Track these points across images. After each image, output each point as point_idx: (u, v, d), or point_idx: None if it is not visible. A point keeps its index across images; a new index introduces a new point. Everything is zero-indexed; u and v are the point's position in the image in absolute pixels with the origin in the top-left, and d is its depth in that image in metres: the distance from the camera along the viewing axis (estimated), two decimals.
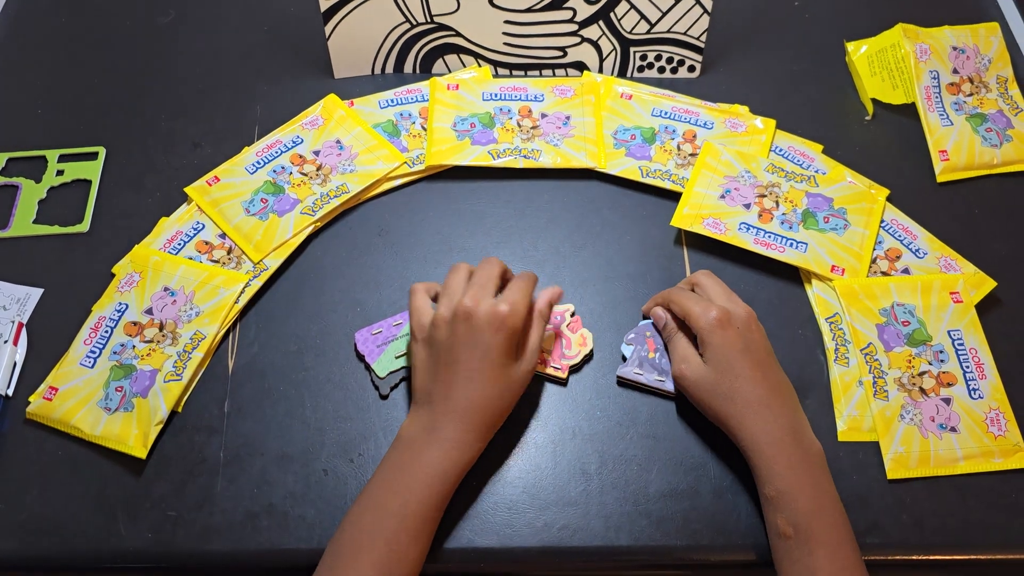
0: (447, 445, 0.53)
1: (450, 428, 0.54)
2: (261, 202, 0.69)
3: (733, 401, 0.55)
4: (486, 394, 0.54)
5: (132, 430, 0.58)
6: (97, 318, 0.63)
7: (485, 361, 0.54)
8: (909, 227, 0.68)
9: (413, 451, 0.54)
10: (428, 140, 0.72)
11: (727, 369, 0.55)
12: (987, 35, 0.77)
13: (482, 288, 0.56)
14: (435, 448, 0.53)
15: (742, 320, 0.57)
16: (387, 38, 0.76)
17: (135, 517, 0.56)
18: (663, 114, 0.74)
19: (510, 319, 0.54)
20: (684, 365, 0.57)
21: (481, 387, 0.54)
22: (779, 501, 0.52)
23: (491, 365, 0.54)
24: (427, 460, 0.53)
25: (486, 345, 0.54)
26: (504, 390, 0.55)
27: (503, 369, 0.55)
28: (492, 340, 0.54)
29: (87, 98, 0.77)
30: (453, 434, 0.54)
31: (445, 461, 0.53)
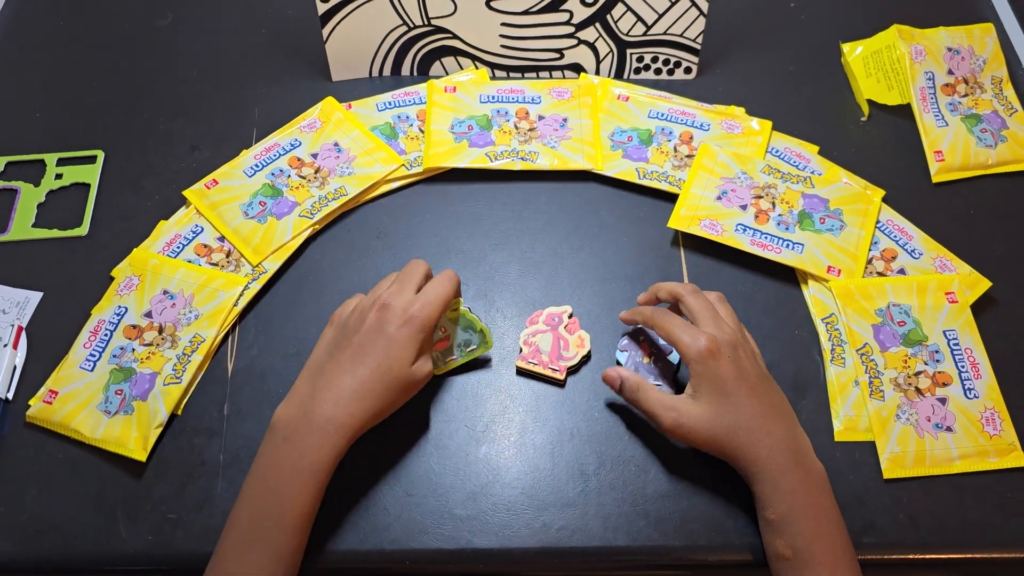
0: (322, 435, 0.52)
1: (328, 414, 0.52)
2: (260, 205, 0.69)
3: (734, 432, 0.53)
4: (376, 384, 0.53)
5: (132, 433, 0.59)
6: (96, 321, 0.63)
7: (385, 351, 0.54)
8: (905, 228, 0.68)
9: (288, 441, 0.52)
10: (426, 142, 0.72)
11: (722, 400, 0.54)
12: (982, 36, 0.78)
13: (402, 285, 0.57)
14: (310, 437, 0.52)
15: (730, 345, 0.55)
16: (384, 41, 0.76)
17: (135, 519, 0.57)
18: (660, 116, 0.74)
19: (420, 315, 0.55)
20: (673, 414, 0.54)
21: (373, 375, 0.53)
22: (780, 525, 0.52)
23: (388, 357, 0.54)
24: (302, 451, 0.52)
25: (389, 336, 0.54)
26: (395, 386, 0.54)
27: (400, 364, 0.54)
28: (397, 332, 0.54)
29: (85, 101, 0.78)
30: (330, 422, 0.52)
31: (320, 450, 0.52)
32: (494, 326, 0.64)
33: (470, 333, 0.62)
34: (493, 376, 0.62)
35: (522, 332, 0.63)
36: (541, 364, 0.61)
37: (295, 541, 0.51)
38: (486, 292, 0.66)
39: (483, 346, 0.61)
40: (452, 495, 0.57)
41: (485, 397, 0.61)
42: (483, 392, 0.62)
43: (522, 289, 0.66)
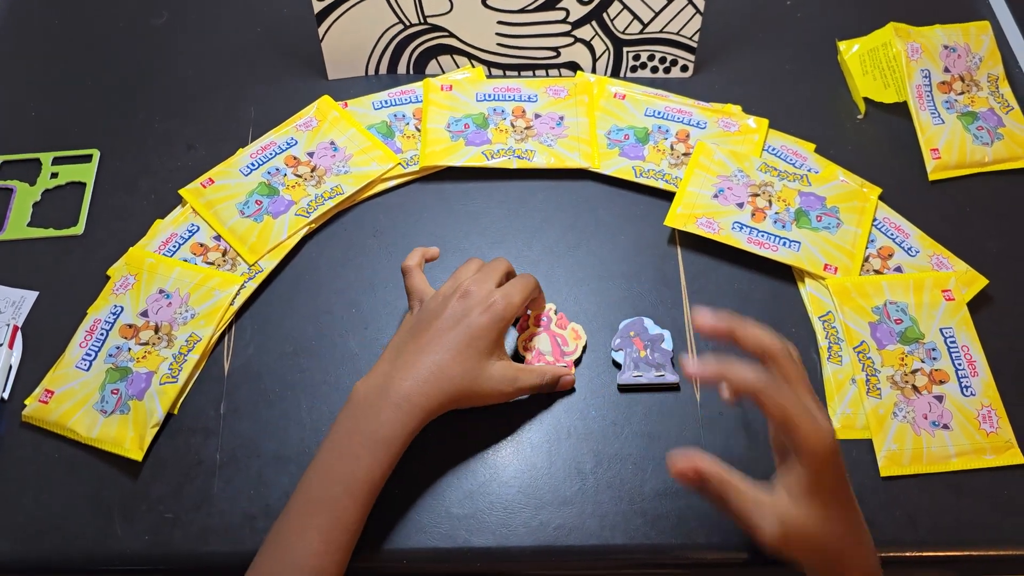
0: (397, 411, 0.52)
1: (405, 391, 0.53)
2: (256, 204, 0.69)
3: (842, 538, 0.47)
4: (455, 369, 0.54)
5: (128, 432, 0.58)
6: (92, 321, 0.63)
7: (464, 336, 0.55)
8: (901, 225, 0.68)
9: (363, 414, 0.53)
10: (422, 141, 0.72)
11: (838, 505, 0.47)
12: (978, 34, 0.78)
13: (486, 276, 0.58)
14: (385, 412, 0.52)
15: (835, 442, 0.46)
16: (380, 39, 0.76)
17: (132, 519, 0.56)
18: (656, 114, 0.74)
19: (500, 305, 0.56)
20: (778, 525, 0.46)
21: (452, 359, 0.54)
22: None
23: (468, 343, 0.55)
24: (375, 425, 0.52)
25: (470, 322, 0.55)
26: (473, 374, 0.55)
27: (478, 353, 0.55)
28: (478, 319, 0.55)
29: (81, 100, 0.77)
30: (406, 399, 0.53)
31: (394, 426, 0.52)
32: None
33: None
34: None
35: (517, 340, 0.63)
36: (548, 366, 0.61)
37: (360, 511, 0.51)
38: None
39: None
40: (449, 494, 0.57)
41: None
42: None
43: None
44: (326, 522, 0.50)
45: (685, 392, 0.61)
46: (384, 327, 0.64)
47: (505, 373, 0.57)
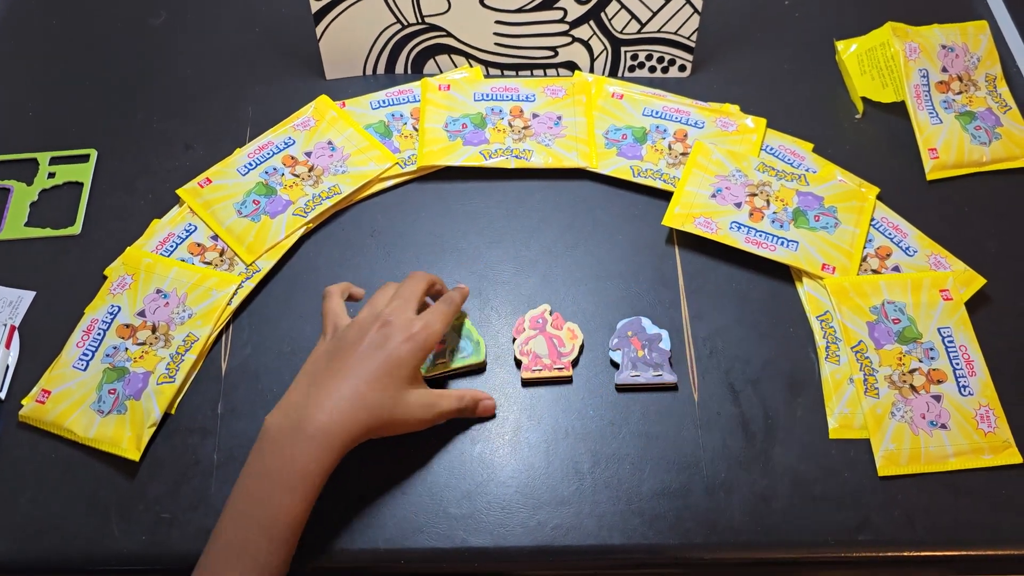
0: (312, 444, 0.50)
1: (320, 424, 0.51)
2: (253, 203, 0.69)
3: None
4: (372, 398, 0.52)
5: (125, 432, 0.58)
6: (89, 320, 0.63)
7: (384, 365, 0.53)
8: (899, 225, 0.68)
9: (278, 451, 0.51)
10: (420, 141, 0.72)
11: None
12: (976, 33, 0.78)
13: (405, 302, 0.57)
14: (301, 445, 0.50)
15: None
16: (378, 39, 0.76)
17: (129, 519, 0.56)
18: (654, 114, 0.74)
19: (422, 335, 0.55)
20: None
21: (370, 388, 0.52)
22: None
23: (388, 371, 0.53)
24: (291, 460, 0.50)
25: (390, 351, 0.54)
26: (392, 403, 0.53)
27: (398, 381, 0.53)
28: (398, 348, 0.54)
29: (78, 100, 0.77)
30: (322, 432, 0.51)
31: (310, 460, 0.50)
32: (488, 323, 0.64)
33: (466, 341, 0.62)
34: (488, 375, 0.62)
35: (514, 344, 0.62)
36: (546, 368, 0.61)
37: (283, 554, 0.50)
38: (481, 290, 0.66)
39: (475, 356, 0.61)
40: (446, 494, 0.57)
41: None
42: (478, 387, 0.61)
43: (516, 287, 0.66)
44: (246, 569, 0.48)
45: (683, 392, 0.61)
46: None
47: (423, 399, 0.55)
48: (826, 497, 0.57)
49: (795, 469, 0.58)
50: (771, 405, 0.60)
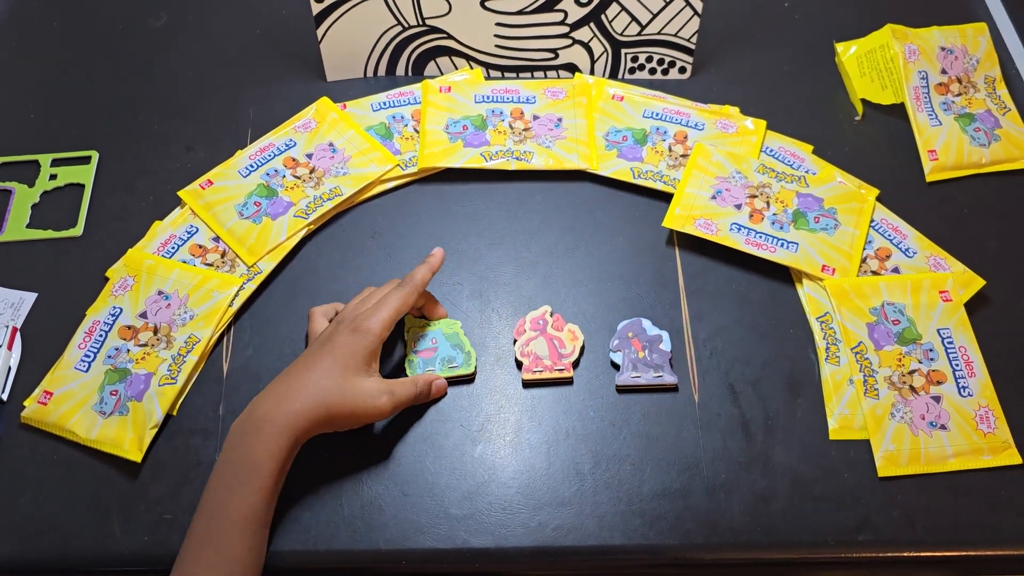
0: (259, 435, 0.52)
1: (263, 413, 0.53)
2: (254, 205, 0.69)
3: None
4: (318, 385, 0.54)
5: (127, 434, 0.58)
6: (91, 322, 0.63)
7: (328, 355, 0.55)
8: (899, 226, 0.69)
9: (232, 446, 0.53)
10: (421, 142, 0.72)
11: None
12: (975, 35, 0.78)
13: (365, 299, 0.60)
14: (251, 436, 0.52)
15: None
16: (379, 41, 0.76)
17: (131, 520, 0.56)
18: (654, 115, 0.74)
19: (366, 323, 0.56)
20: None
21: (316, 377, 0.54)
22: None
23: (333, 360, 0.55)
24: (243, 451, 0.52)
25: (335, 342, 0.56)
26: (340, 390, 0.54)
27: (345, 369, 0.55)
28: (343, 338, 0.56)
29: (80, 102, 0.77)
30: (267, 421, 0.52)
31: (259, 450, 0.52)
32: (489, 325, 0.64)
33: (457, 351, 0.62)
34: (488, 376, 0.62)
35: (515, 346, 0.63)
36: (547, 369, 0.61)
37: (247, 541, 0.51)
38: (481, 292, 0.66)
39: (464, 367, 0.61)
40: (448, 495, 0.57)
41: (480, 397, 0.61)
42: (478, 392, 0.62)
43: (517, 289, 0.66)
44: (213, 559, 0.50)
45: (683, 393, 0.61)
46: None
47: (375, 387, 0.56)
48: (826, 498, 0.57)
49: (795, 470, 0.58)
50: (771, 406, 0.61)
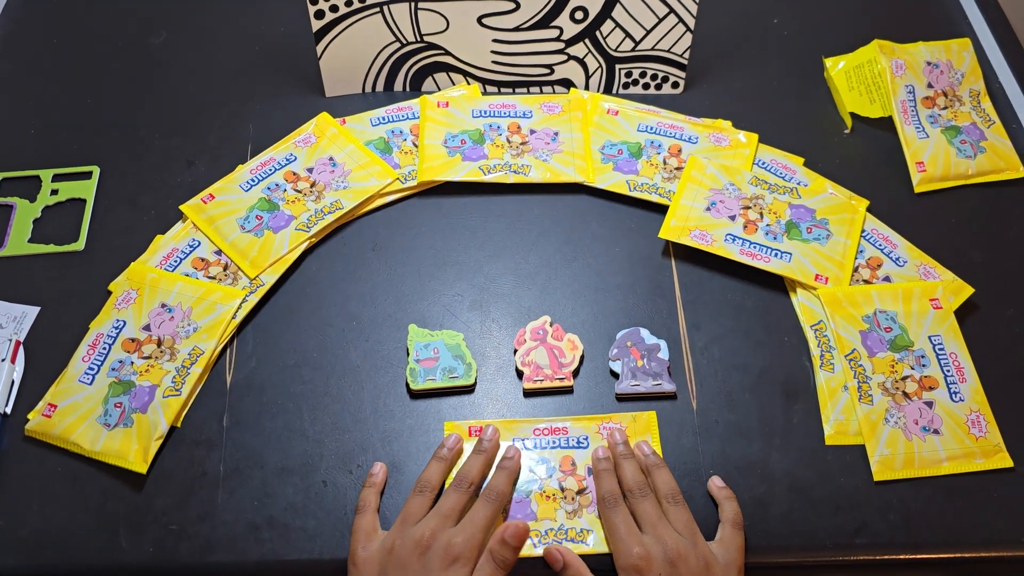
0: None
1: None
2: (256, 219, 0.70)
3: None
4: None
5: (132, 445, 0.59)
6: (95, 335, 0.64)
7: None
8: (889, 236, 0.70)
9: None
10: (419, 156, 0.73)
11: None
12: (959, 50, 0.80)
13: (441, 516, 0.53)
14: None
15: (666, 562, 0.51)
16: (377, 57, 0.77)
17: (137, 531, 0.57)
18: (649, 129, 0.76)
19: (464, 551, 0.51)
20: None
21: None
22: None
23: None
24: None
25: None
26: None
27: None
28: (441, 575, 0.51)
29: (81, 118, 0.78)
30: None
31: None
32: (489, 335, 0.65)
33: (458, 362, 0.63)
34: (490, 385, 0.63)
35: (515, 356, 0.63)
36: (547, 378, 0.62)
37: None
38: (481, 303, 0.67)
39: (465, 378, 0.62)
40: None
41: (482, 406, 0.62)
42: (480, 401, 0.62)
43: (516, 300, 0.67)
44: None
45: (682, 400, 0.62)
46: (384, 339, 0.65)
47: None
48: (823, 502, 0.58)
49: (792, 475, 0.59)
50: (768, 413, 0.62)
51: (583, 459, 0.58)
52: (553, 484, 0.57)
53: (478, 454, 0.58)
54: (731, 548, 0.54)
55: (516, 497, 0.57)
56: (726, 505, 0.57)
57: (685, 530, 0.54)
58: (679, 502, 0.55)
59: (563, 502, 0.57)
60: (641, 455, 0.58)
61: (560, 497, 0.57)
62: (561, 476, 0.58)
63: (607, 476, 0.57)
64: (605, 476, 0.57)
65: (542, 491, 0.57)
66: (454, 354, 0.63)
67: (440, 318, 0.66)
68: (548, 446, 0.59)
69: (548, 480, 0.58)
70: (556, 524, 0.56)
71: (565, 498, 0.57)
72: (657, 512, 0.55)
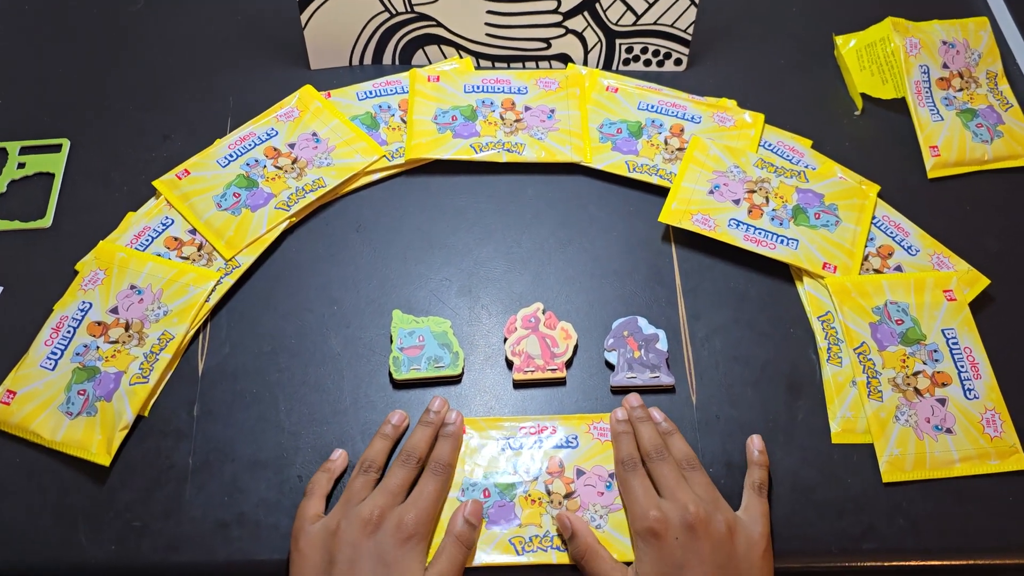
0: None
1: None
2: (233, 196, 0.66)
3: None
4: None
5: (95, 436, 0.56)
6: (59, 318, 0.60)
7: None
8: (901, 224, 0.67)
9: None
10: (408, 133, 0.70)
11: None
12: (976, 30, 0.76)
13: (386, 491, 0.51)
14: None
15: (685, 526, 0.49)
16: (365, 28, 0.73)
17: (98, 527, 0.54)
18: (650, 108, 0.72)
19: (415, 528, 0.50)
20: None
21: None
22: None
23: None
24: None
25: (388, 564, 0.48)
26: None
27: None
28: (395, 554, 0.49)
29: (51, 88, 0.74)
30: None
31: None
32: (479, 323, 0.62)
33: (444, 351, 0.59)
34: (478, 376, 0.60)
35: (505, 345, 0.60)
36: (538, 369, 0.59)
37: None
38: (470, 288, 0.64)
39: (451, 368, 0.59)
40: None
41: (469, 397, 0.59)
42: (467, 392, 0.59)
43: (507, 285, 0.64)
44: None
45: (681, 394, 0.59)
46: (367, 325, 0.62)
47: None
48: (828, 504, 0.55)
49: (796, 474, 0.56)
50: (771, 408, 0.59)
51: (571, 461, 0.55)
52: (539, 487, 0.54)
53: (424, 427, 0.55)
54: (756, 515, 0.52)
55: (499, 501, 0.54)
56: (755, 471, 0.55)
57: (706, 494, 0.52)
58: (697, 467, 0.54)
59: (549, 507, 0.54)
60: (653, 422, 0.56)
61: (547, 501, 0.54)
62: (548, 479, 0.54)
63: (626, 439, 0.55)
64: (624, 439, 0.55)
65: (527, 494, 0.54)
66: (440, 342, 0.60)
67: (426, 304, 0.63)
68: (535, 446, 0.55)
69: (534, 483, 0.54)
70: (542, 530, 0.53)
71: (552, 502, 0.54)
72: (676, 475, 0.53)
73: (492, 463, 0.55)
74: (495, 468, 0.55)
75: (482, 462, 0.55)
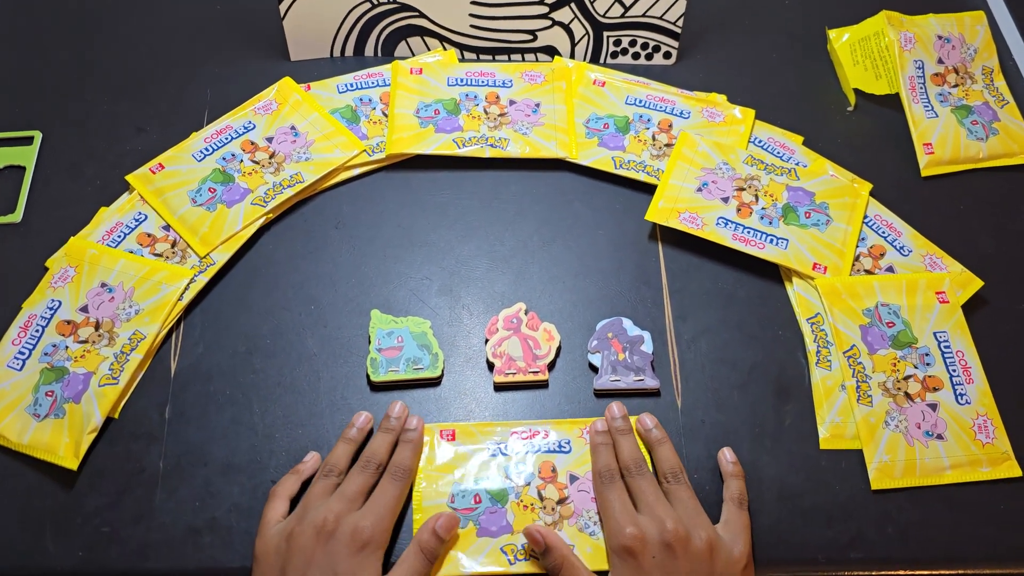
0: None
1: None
2: (209, 191, 0.64)
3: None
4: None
5: (63, 439, 0.54)
6: (27, 316, 0.59)
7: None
8: (893, 223, 0.65)
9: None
10: (389, 127, 0.68)
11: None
12: (972, 24, 0.75)
13: (343, 497, 0.49)
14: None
15: (662, 545, 0.47)
16: (346, 18, 0.72)
17: (65, 533, 0.52)
18: (638, 102, 0.71)
19: (372, 536, 0.48)
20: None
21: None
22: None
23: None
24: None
25: (341, 572, 0.47)
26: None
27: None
28: (350, 563, 0.47)
29: (22, 78, 0.73)
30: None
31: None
32: (459, 323, 0.60)
33: (423, 352, 0.58)
34: (458, 378, 0.58)
35: (486, 346, 0.59)
36: (520, 371, 0.57)
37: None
38: (451, 287, 0.62)
39: (431, 369, 0.57)
40: None
41: (449, 400, 0.58)
42: (446, 395, 0.58)
43: (490, 284, 0.62)
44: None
45: (666, 398, 0.58)
46: (344, 325, 0.60)
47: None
48: (816, 511, 0.54)
49: (783, 481, 0.55)
50: (758, 413, 0.57)
51: (564, 466, 0.54)
52: (532, 492, 0.53)
53: (384, 432, 0.54)
54: (737, 530, 0.51)
55: (490, 507, 0.52)
56: (732, 483, 0.53)
57: (687, 511, 0.50)
58: (681, 480, 0.52)
59: (542, 512, 0.52)
60: (643, 429, 0.55)
61: (539, 507, 0.52)
62: (540, 484, 0.53)
63: (604, 451, 0.53)
64: (602, 451, 0.53)
65: (519, 500, 0.52)
66: (420, 343, 0.58)
67: (406, 303, 0.61)
68: (527, 451, 0.54)
69: (526, 488, 0.53)
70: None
71: (544, 508, 0.52)
72: (655, 491, 0.51)
73: (483, 468, 0.54)
74: (486, 474, 0.53)
75: (472, 468, 0.54)
